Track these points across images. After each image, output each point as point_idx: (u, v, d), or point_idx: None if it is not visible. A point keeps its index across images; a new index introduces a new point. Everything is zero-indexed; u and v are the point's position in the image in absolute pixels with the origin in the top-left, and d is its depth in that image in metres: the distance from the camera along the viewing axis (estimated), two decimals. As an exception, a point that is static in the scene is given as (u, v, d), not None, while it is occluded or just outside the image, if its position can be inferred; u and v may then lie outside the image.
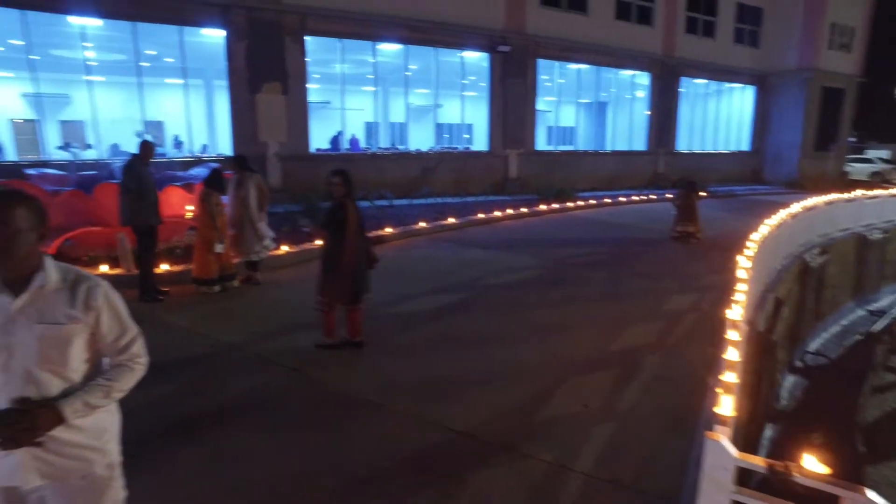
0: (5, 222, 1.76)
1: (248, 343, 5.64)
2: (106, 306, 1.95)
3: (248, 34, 14.08)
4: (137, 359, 2.03)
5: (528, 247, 10.51)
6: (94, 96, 14.12)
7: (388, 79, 20.53)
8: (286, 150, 14.86)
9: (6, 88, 17.53)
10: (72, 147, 16.12)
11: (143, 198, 6.68)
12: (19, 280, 1.84)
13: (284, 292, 7.43)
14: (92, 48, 14.81)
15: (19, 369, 1.81)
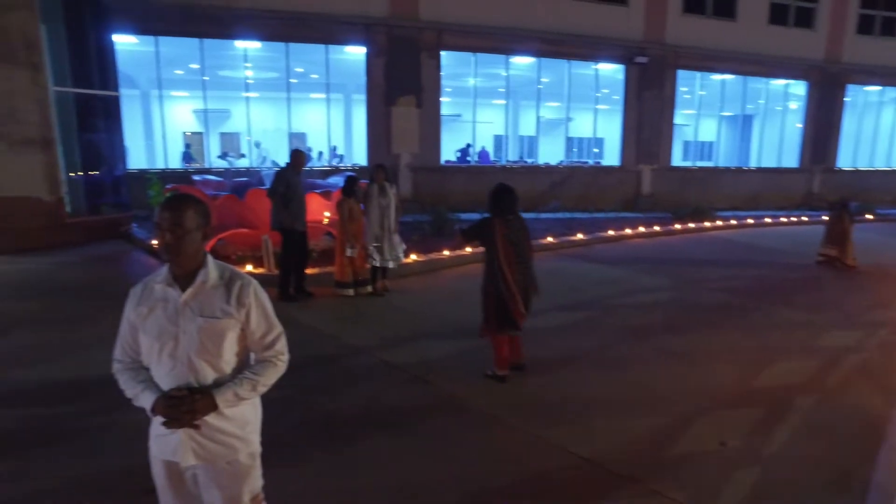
0: (179, 223, 1.93)
1: (375, 348, 5.82)
2: (255, 304, 2.07)
3: (387, 50, 14.77)
4: (281, 356, 2.13)
5: (660, 267, 9.94)
6: (250, 111, 15.55)
7: (520, 92, 20.54)
8: (418, 161, 15.35)
9: (182, 106, 19.83)
10: (228, 156, 17.87)
11: (290, 204, 7.17)
12: (186, 275, 2.01)
13: (413, 300, 7.61)
14: (251, 68, 16.33)
15: (183, 357, 1.98)
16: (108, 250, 10.03)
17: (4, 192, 9.60)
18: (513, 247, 4.82)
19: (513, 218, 4.89)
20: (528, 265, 4.96)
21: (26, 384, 4.86)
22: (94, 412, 4.38)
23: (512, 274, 4.82)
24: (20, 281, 8.20)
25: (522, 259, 4.89)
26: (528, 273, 4.94)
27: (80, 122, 10.93)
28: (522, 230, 4.96)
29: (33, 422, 4.26)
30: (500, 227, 4.82)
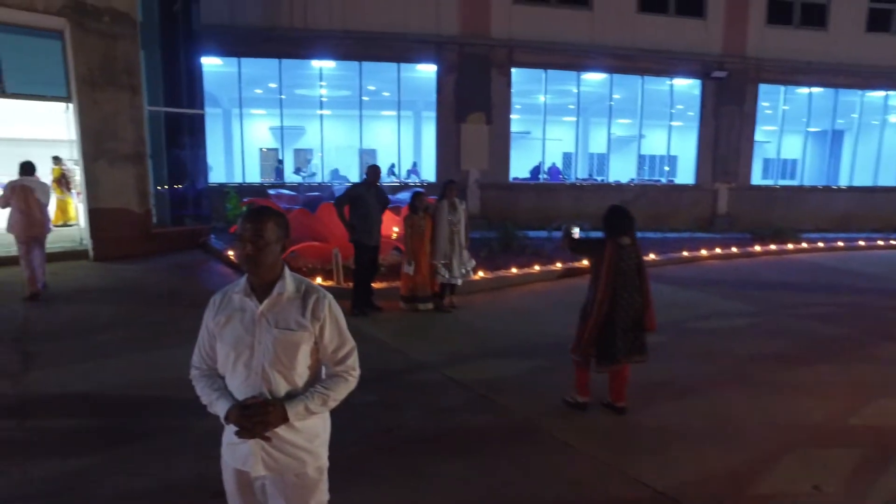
0: (260, 235, 1.96)
1: (441, 364, 5.78)
2: (329, 318, 2.07)
3: (458, 68, 14.92)
4: (352, 371, 2.13)
5: (739, 291, 9.42)
6: (323, 128, 16.06)
7: (590, 108, 20.24)
8: (486, 178, 15.35)
9: (260, 123, 20.78)
10: (302, 171, 18.49)
11: (364, 218, 7.29)
12: (263, 286, 2.04)
13: (480, 317, 7.54)
14: (325, 86, 16.89)
15: (258, 367, 2.00)
16: (188, 259, 10.54)
17: (103, 204, 10.31)
18: (621, 275, 4.41)
19: (628, 244, 4.46)
20: (640, 297, 4.49)
21: (108, 385, 5.11)
22: (170, 415, 4.54)
23: (612, 304, 4.41)
24: (112, 286, 8.75)
25: (631, 289, 4.46)
26: (637, 306, 4.49)
27: (169, 139, 11.62)
28: (636, 258, 4.51)
29: (113, 422, 4.47)
30: (610, 250, 4.42)
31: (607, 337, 4.47)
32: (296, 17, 14.35)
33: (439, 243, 7.55)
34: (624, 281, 4.42)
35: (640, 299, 4.48)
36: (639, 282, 4.48)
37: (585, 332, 4.56)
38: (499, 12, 15.11)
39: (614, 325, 4.44)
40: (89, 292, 8.40)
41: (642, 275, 4.51)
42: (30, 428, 4.41)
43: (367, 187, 7.44)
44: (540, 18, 15.30)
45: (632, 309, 4.46)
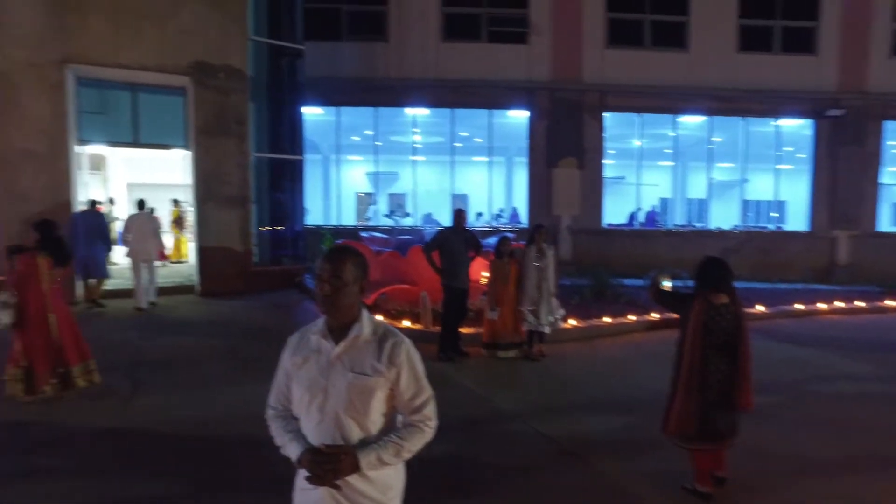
0: (338, 275, 1.92)
1: (528, 415, 5.51)
2: (407, 364, 1.97)
3: (549, 113, 14.89)
4: (428, 421, 2.01)
5: (866, 350, 8.39)
6: (416, 173, 16.47)
7: (688, 152, 19.45)
8: (578, 223, 15.01)
9: (356, 168, 21.65)
10: (395, 215, 18.95)
11: (452, 262, 7.27)
12: (340, 328, 1.97)
13: (569, 368, 7.20)
14: (419, 133, 17.40)
15: (331, 412, 1.92)
16: (284, 298, 10.95)
17: (209, 243, 11.03)
18: (711, 336, 3.75)
19: (723, 302, 3.81)
20: (736, 366, 3.80)
21: (204, 416, 5.26)
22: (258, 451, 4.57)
23: (701, 372, 3.76)
24: (214, 320, 9.22)
25: (724, 357, 3.80)
26: (731, 376, 3.80)
27: (271, 183, 12.31)
28: (734, 319, 3.81)
29: (203, 452, 4.55)
30: (699, 307, 3.79)
31: (701, 411, 3.78)
32: (391, 68, 14.99)
33: (526, 289, 7.36)
34: (716, 345, 3.77)
35: (733, 369, 3.79)
36: (735, 348, 3.79)
37: (675, 405, 3.88)
38: (591, 57, 15.03)
39: (706, 397, 3.77)
40: (194, 325, 8.89)
41: (741, 340, 3.80)
42: (126, 449, 4.60)
43: (454, 231, 7.44)
44: (633, 61, 15.05)
45: (724, 380, 3.78)
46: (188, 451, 4.66)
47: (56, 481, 4.15)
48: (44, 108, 9.77)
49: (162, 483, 4.12)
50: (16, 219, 8.69)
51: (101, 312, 9.44)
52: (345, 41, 15.19)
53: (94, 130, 10.88)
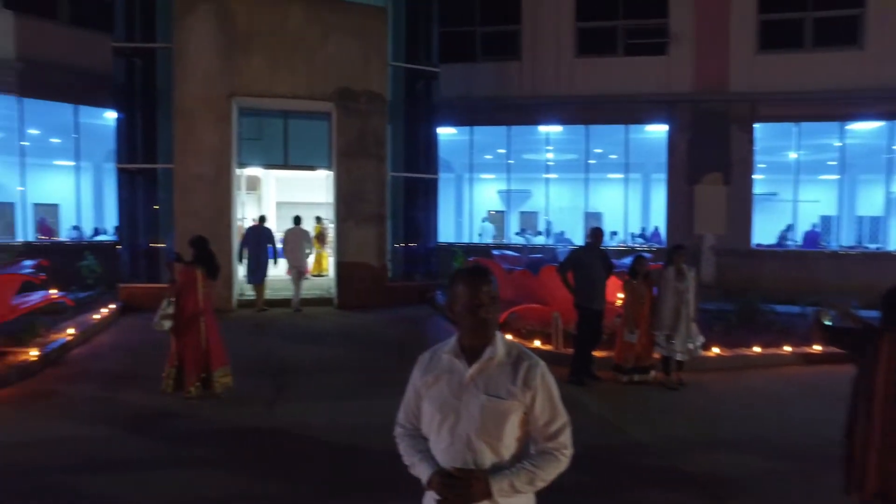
0: (494, 296, 1.90)
1: (663, 449, 5.13)
2: (542, 388, 1.90)
3: (692, 126, 14.03)
4: (564, 449, 1.92)
5: None
6: (549, 191, 16.27)
7: (858, 164, 17.30)
8: (723, 243, 13.90)
9: (489, 186, 21.90)
10: (526, 233, 18.83)
11: (587, 283, 7.05)
12: (474, 349, 1.93)
13: (711, 400, 6.61)
14: (552, 150, 17.20)
15: (462, 434, 1.88)
16: (416, 313, 11.27)
17: (348, 258, 11.70)
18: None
19: None
20: None
21: (338, 425, 5.51)
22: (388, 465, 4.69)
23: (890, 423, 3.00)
24: (350, 332, 9.71)
25: None
26: None
27: (406, 201, 12.80)
28: None
29: (336, 461, 4.75)
30: (889, 349, 3.03)
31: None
32: (525, 87, 15.02)
33: (663, 313, 6.91)
34: None
35: None
36: None
37: (869, 459, 3.07)
38: (739, 64, 13.95)
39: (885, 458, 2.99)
40: (332, 336, 9.43)
41: None
42: (264, 450, 4.93)
43: (589, 250, 7.20)
44: (790, 65, 13.72)
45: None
46: (321, 456, 4.90)
47: (200, 472, 4.57)
48: (214, 137, 10.99)
49: (294, 483, 4.37)
50: (187, 233, 9.81)
51: (251, 318, 10.33)
52: (479, 62, 15.50)
53: (252, 154, 12.06)
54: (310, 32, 11.42)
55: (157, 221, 11.55)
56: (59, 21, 13.20)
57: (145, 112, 11.47)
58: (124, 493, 4.19)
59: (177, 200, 10.96)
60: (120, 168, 11.57)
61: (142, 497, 4.16)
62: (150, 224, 11.60)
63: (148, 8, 11.41)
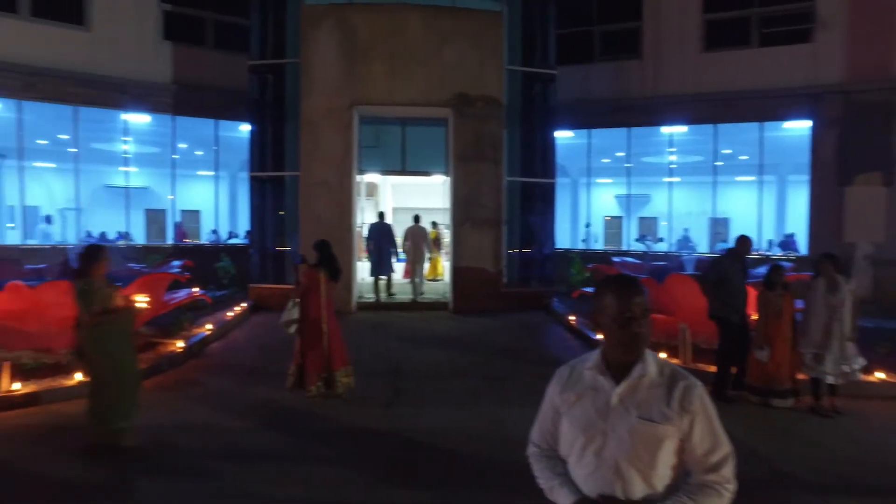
0: (647, 309, 1.74)
1: (816, 482, 4.54)
2: (702, 412, 1.68)
3: (841, 120, 12.60)
4: (727, 483, 1.70)
5: None
6: (672, 195, 15.32)
7: None
8: (883, 252, 12.30)
9: (606, 191, 21.11)
10: (646, 240, 17.91)
11: (732, 294, 6.48)
12: (621, 365, 1.75)
13: (875, 432, 5.77)
14: (675, 152, 16.22)
15: (610, 459, 1.70)
16: (532, 320, 11.01)
17: (463, 263, 11.72)
18: None
19: None
20: None
21: (454, 430, 5.41)
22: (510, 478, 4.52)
23: None
24: (465, 336, 9.67)
25: None
26: None
27: (522, 206, 12.59)
28: None
29: (452, 468, 4.65)
30: None
31: None
32: (646, 86, 14.29)
33: (810, 329, 6.17)
34: None
35: None
36: None
37: None
38: (904, 48, 12.32)
39: None
40: (447, 340, 9.43)
41: None
42: (382, 452, 4.94)
43: (735, 260, 6.59)
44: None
45: None
46: (439, 462, 4.82)
47: (323, 469, 4.65)
48: (337, 145, 11.46)
49: (412, 489, 4.33)
50: (311, 237, 10.27)
51: (369, 320, 10.59)
52: (597, 63, 15.00)
53: (371, 161, 12.45)
54: (427, 40, 11.59)
55: (283, 226, 12.23)
56: (206, 47, 14.57)
57: (275, 123, 12.21)
58: (258, 484, 4.37)
59: (301, 206, 11.54)
60: (252, 176, 12.42)
61: (273, 489, 4.30)
62: (277, 228, 12.33)
63: (279, 27, 12.16)
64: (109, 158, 15.83)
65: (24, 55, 12.38)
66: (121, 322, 4.98)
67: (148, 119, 14.49)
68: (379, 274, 12.11)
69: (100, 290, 4.83)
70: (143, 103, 13.86)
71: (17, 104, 12.95)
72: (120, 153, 15.06)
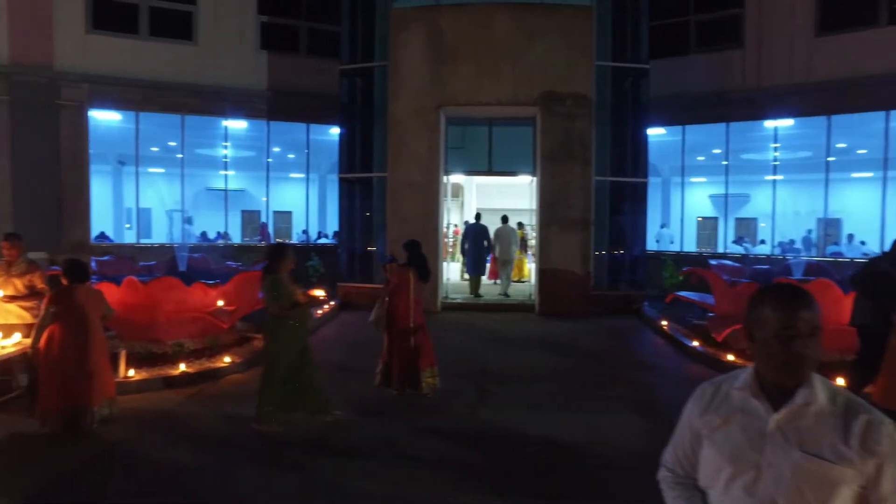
0: (818, 326, 1.45)
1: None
2: (893, 457, 1.39)
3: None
4: None
5: None
6: (775, 194, 14.27)
7: None
8: None
9: (699, 191, 20.04)
10: (744, 242, 16.80)
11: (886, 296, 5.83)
12: (779, 388, 1.49)
13: None
14: (780, 148, 15.10)
15: (765, 498, 1.45)
16: (621, 324, 10.57)
17: (550, 265, 11.44)
18: None
19: None
20: None
21: (539, 437, 5.23)
22: (594, 489, 4.30)
23: None
24: (551, 340, 9.41)
25: None
26: None
27: (611, 207, 12.13)
28: None
29: (537, 476, 4.48)
30: None
31: None
32: (748, 77, 13.38)
33: None
34: None
35: None
36: None
37: None
38: None
39: None
40: (533, 343, 9.22)
41: None
42: (469, 453, 4.83)
43: (892, 263, 5.92)
44: None
45: None
46: (524, 467, 4.66)
47: (411, 469, 4.62)
48: (423, 146, 11.53)
49: (497, 494, 4.21)
50: (397, 237, 10.40)
51: (455, 321, 10.55)
52: (693, 54, 14.23)
53: (457, 162, 12.43)
54: (514, 38, 11.42)
55: (370, 226, 12.46)
56: (299, 54, 15.16)
57: (364, 126, 12.47)
58: (349, 480, 4.40)
59: (389, 206, 11.70)
60: (341, 178, 12.74)
61: (365, 485, 4.31)
62: (364, 228, 12.58)
63: (368, 31, 12.41)
64: (211, 163, 16.82)
65: (143, 70, 13.51)
66: (301, 315, 5.45)
67: (245, 125, 15.27)
68: (473, 273, 12.55)
69: (286, 286, 5.30)
70: (241, 110, 14.62)
71: (136, 116, 14.05)
72: (220, 158, 15.96)
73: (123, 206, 18.20)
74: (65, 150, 13.18)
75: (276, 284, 5.24)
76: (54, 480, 4.36)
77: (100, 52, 13.33)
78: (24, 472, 4.49)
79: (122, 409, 5.57)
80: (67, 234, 13.10)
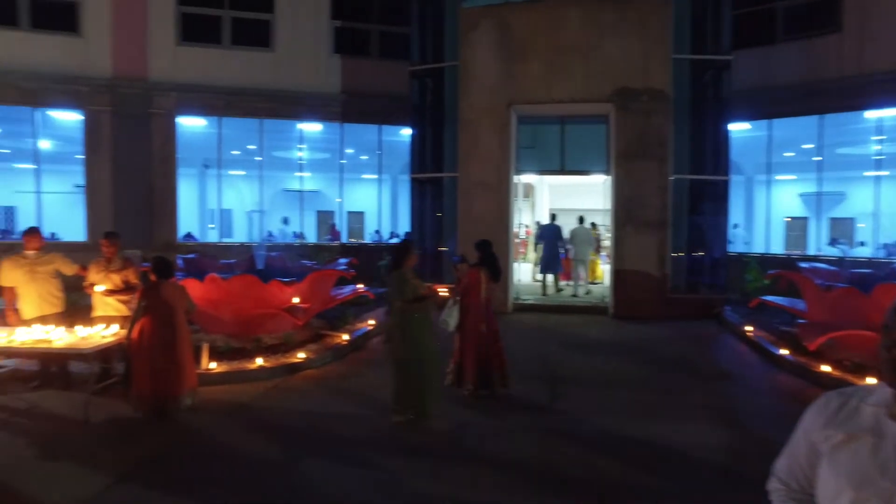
0: None
1: None
2: None
3: None
4: None
5: None
6: (878, 191, 13.18)
7: None
8: None
9: (787, 189, 18.83)
10: (839, 243, 15.63)
11: None
12: None
13: None
14: (882, 141, 13.94)
15: None
16: (700, 329, 10.06)
17: (625, 266, 11.06)
18: None
19: None
20: None
21: (611, 444, 5.03)
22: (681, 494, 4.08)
23: None
24: (626, 343, 9.10)
25: None
26: None
27: (690, 206, 11.57)
28: None
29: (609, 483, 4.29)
30: None
31: None
32: (846, 63, 12.39)
33: None
34: None
35: None
36: None
37: None
38: None
39: None
40: (606, 346, 8.94)
41: None
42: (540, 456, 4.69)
43: None
44: None
45: None
46: (595, 474, 4.48)
47: (477, 470, 4.50)
48: (494, 146, 11.43)
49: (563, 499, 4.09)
50: (468, 237, 10.35)
51: (526, 322, 10.39)
52: (780, 43, 13.36)
53: (528, 161, 12.25)
54: (586, 34, 11.12)
55: (442, 226, 12.49)
56: (371, 57, 15.46)
57: (434, 126, 12.52)
58: (415, 479, 4.39)
59: (460, 206, 11.67)
60: (412, 178, 12.85)
61: (431, 486, 4.28)
62: (435, 228, 12.62)
63: (438, 32, 12.45)
64: (287, 165, 17.44)
65: (225, 78, 14.29)
66: (425, 309, 5.59)
67: (319, 127, 15.72)
68: (547, 272, 12.69)
69: (411, 280, 5.48)
70: (315, 113, 15.08)
71: (219, 121, 14.80)
72: (296, 160, 16.50)
73: (207, 207, 19.20)
74: (156, 155, 14.10)
75: (401, 279, 5.42)
76: (141, 462, 4.63)
77: (187, 62, 14.15)
78: (118, 452, 4.82)
79: (203, 399, 5.83)
80: (157, 234, 13.96)
